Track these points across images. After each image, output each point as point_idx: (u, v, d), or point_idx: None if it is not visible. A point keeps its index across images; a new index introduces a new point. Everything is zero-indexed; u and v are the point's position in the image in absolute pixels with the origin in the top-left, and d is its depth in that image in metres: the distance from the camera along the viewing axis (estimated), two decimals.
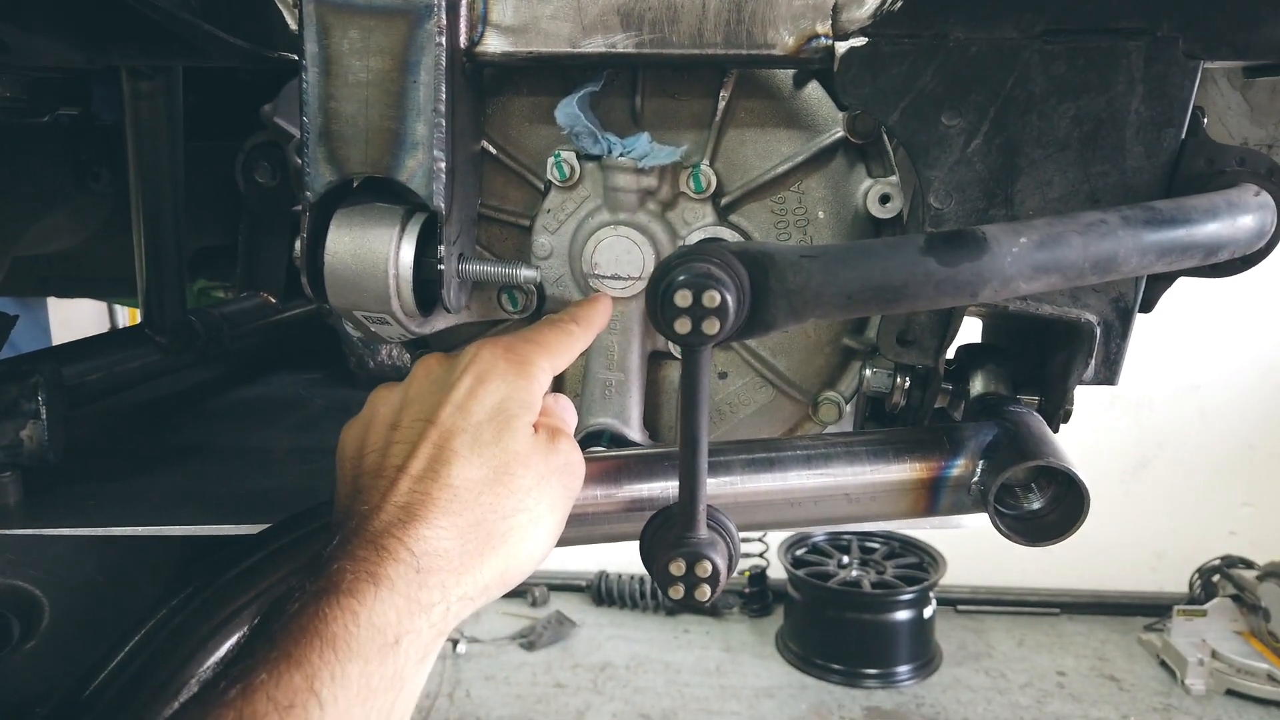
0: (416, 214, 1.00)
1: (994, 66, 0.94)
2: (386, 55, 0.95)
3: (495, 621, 4.67)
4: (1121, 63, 0.92)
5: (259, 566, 0.81)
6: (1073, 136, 0.94)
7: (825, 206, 1.10)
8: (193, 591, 0.79)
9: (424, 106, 0.96)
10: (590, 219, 1.11)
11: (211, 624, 0.77)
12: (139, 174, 1.43)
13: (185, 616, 0.77)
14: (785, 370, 1.15)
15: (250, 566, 0.81)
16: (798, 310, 0.77)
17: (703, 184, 1.09)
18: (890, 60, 0.95)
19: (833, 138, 1.07)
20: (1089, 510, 0.88)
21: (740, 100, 1.08)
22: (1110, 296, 0.98)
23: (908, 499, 0.94)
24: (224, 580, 0.80)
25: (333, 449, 1.59)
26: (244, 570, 0.81)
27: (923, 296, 0.76)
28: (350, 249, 0.99)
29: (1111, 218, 0.79)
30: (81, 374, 1.43)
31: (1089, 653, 4.60)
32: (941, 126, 0.96)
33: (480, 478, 0.78)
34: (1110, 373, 1.00)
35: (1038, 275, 0.77)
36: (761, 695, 4.25)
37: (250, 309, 1.85)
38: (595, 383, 1.13)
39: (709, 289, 0.71)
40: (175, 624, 0.76)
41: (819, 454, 0.94)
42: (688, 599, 0.78)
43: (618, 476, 0.92)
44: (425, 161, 0.97)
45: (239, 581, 0.80)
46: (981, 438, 0.94)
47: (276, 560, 0.82)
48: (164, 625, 0.76)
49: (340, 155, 0.98)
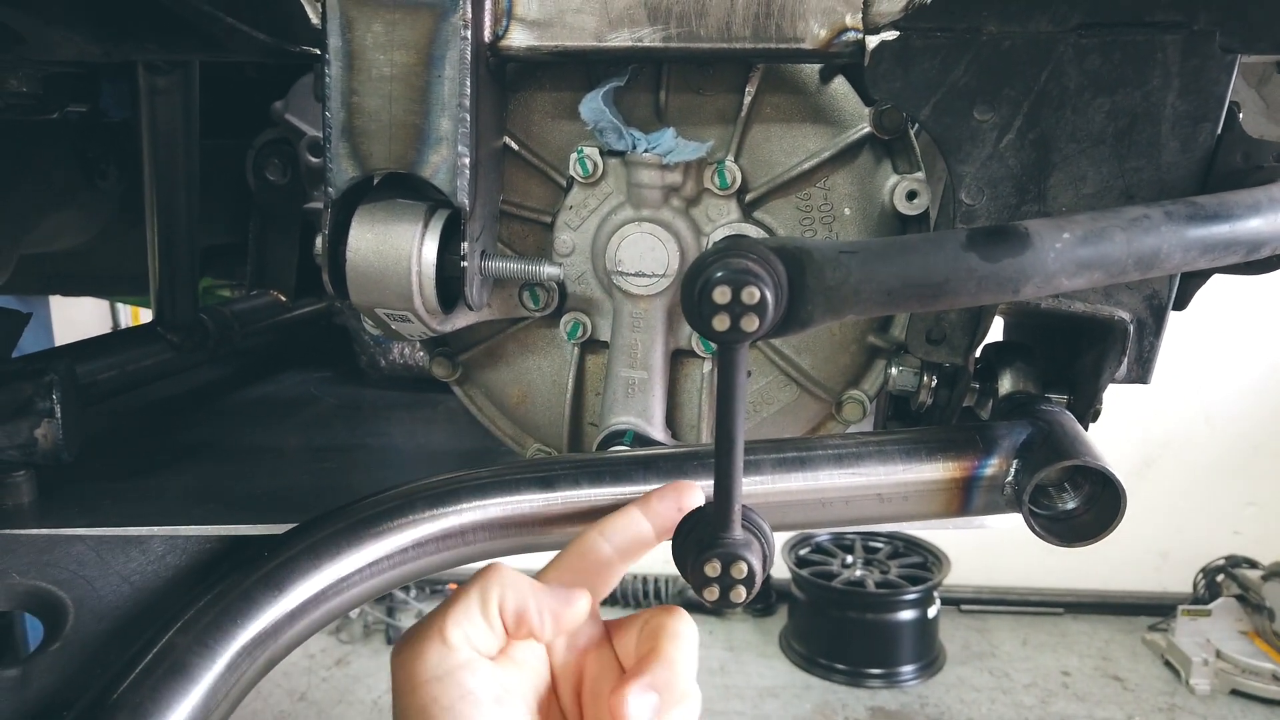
0: (439, 210, 0.99)
1: (1028, 60, 0.92)
2: (411, 49, 0.94)
3: None
4: (1157, 57, 0.91)
5: (288, 564, 0.80)
6: (1107, 131, 0.93)
7: (851, 203, 1.09)
8: (221, 590, 0.77)
9: (449, 101, 0.95)
10: (613, 216, 1.09)
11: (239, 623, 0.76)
12: (154, 171, 1.41)
13: (213, 616, 0.75)
14: (809, 369, 1.14)
15: (279, 564, 0.80)
16: (836, 307, 0.76)
17: (728, 180, 1.07)
18: (922, 54, 0.93)
19: (859, 133, 1.06)
20: (1125, 510, 0.87)
21: (766, 95, 1.06)
22: (1144, 294, 0.97)
23: (941, 499, 0.92)
24: (252, 580, 0.78)
25: (344, 448, 1.59)
26: (272, 569, 0.79)
27: (964, 293, 0.75)
28: (373, 246, 0.98)
29: (1155, 213, 0.78)
30: (94, 372, 1.41)
31: (1093, 652, 4.60)
32: (974, 121, 0.94)
33: None
34: (1143, 371, 0.99)
35: (1081, 271, 0.76)
36: (765, 695, 4.24)
37: (260, 307, 1.83)
38: (618, 381, 1.11)
39: (748, 285, 0.70)
40: (203, 624, 0.74)
41: (850, 453, 0.93)
42: (723, 600, 0.77)
43: (646, 475, 0.90)
44: (449, 157, 0.96)
45: (267, 580, 0.78)
46: (1015, 437, 0.93)
47: (304, 559, 0.81)
48: (192, 625, 0.74)
49: (363, 151, 0.96)
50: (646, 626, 0.78)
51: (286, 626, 0.78)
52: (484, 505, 0.88)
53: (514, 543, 0.89)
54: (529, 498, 0.89)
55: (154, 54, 1.16)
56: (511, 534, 0.88)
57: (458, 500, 0.87)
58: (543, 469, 0.91)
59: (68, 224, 2.03)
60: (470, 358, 1.20)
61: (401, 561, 0.84)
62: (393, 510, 0.86)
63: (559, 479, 0.90)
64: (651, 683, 0.72)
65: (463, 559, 0.89)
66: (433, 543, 0.86)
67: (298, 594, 0.79)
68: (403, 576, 0.86)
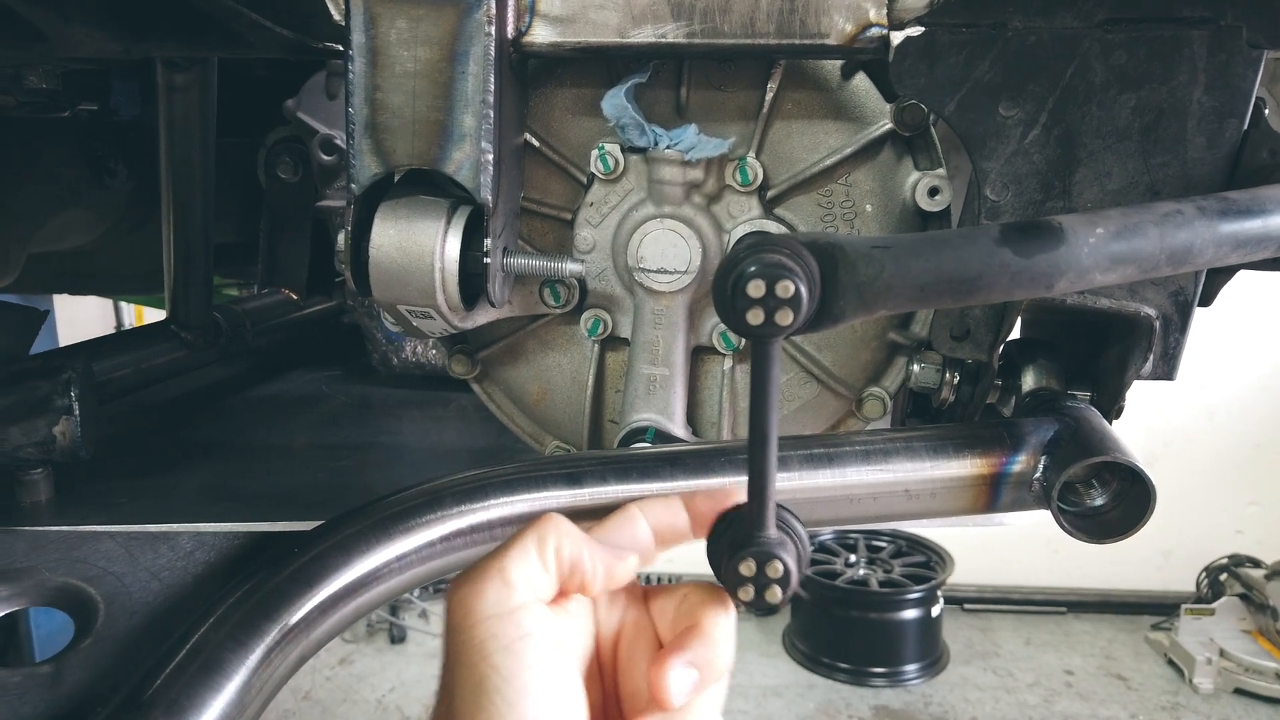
0: (462, 207, 0.99)
1: (1053, 56, 0.92)
2: (435, 45, 0.94)
3: None
4: (1184, 52, 0.91)
5: (318, 560, 0.79)
6: (1133, 127, 0.93)
7: (873, 199, 1.08)
8: (252, 587, 0.77)
9: (472, 98, 0.95)
10: (634, 212, 1.09)
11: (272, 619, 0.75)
12: (170, 169, 1.41)
13: (245, 612, 0.75)
14: (830, 365, 1.14)
15: (310, 560, 0.79)
16: (868, 302, 0.75)
17: (749, 177, 1.07)
18: (947, 50, 0.93)
19: (881, 130, 1.06)
20: (1155, 506, 0.87)
21: (787, 92, 1.06)
22: (1170, 290, 0.97)
23: (968, 495, 0.92)
24: (283, 576, 0.78)
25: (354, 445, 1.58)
26: (303, 564, 0.79)
27: (998, 288, 0.75)
28: (396, 242, 0.97)
29: (1187, 208, 0.77)
30: (109, 370, 1.41)
31: (1096, 652, 4.60)
32: (999, 117, 0.94)
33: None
34: (1169, 367, 0.99)
35: (1114, 266, 0.75)
36: (769, 694, 4.24)
37: (272, 305, 1.83)
38: (639, 378, 1.11)
39: (783, 279, 0.69)
40: (236, 619, 0.74)
41: (878, 449, 0.92)
42: (758, 601, 0.76)
43: (673, 471, 0.90)
44: (473, 154, 0.96)
45: (298, 576, 0.78)
46: (1042, 433, 0.92)
47: (334, 555, 0.81)
48: (224, 621, 0.74)
49: (386, 147, 0.96)
50: (687, 600, 0.77)
51: (318, 622, 0.78)
52: (512, 501, 0.87)
53: None
54: (556, 494, 0.88)
55: (175, 50, 1.15)
56: None
57: (486, 496, 0.87)
58: (570, 465, 0.91)
59: (75, 223, 2.03)
60: (490, 355, 1.20)
61: (430, 556, 0.84)
62: (421, 506, 0.85)
63: (586, 475, 0.90)
64: (693, 659, 0.72)
65: None
66: (461, 538, 0.85)
67: (329, 589, 0.79)
68: (432, 572, 0.85)
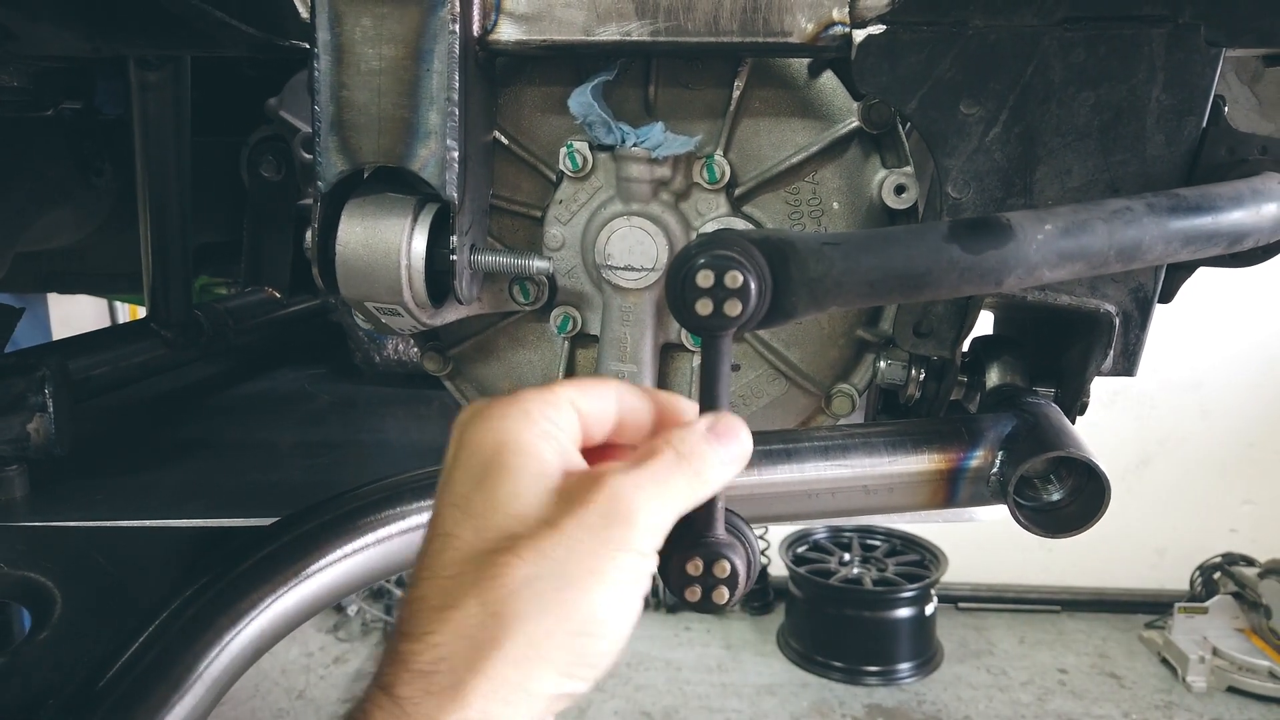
0: (429, 204, 0.99)
1: (1013, 54, 0.93)
2: (399, 43, 0.94)
3: None
4: (1143, 50, 0.91)
5: (274, 557, 0.80)
6: (1092, 125, 0.94)
7: (840, 197, 1.09)
8: (207, 582, 0.78)
9: (437, 95, 0.95)
10: (603, 210, 1.10)
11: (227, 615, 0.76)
12: (146, 167, 1.41)
13: (199, 607, 0.76)
14: (799, 362, 1.15)
15: (265, 557, 0.80)
16: (819, 298, 0.76)
17: (716, 174, 1.08)
18: (908, 48, 0.94)
19: (847, 128, 1.06)
20: (1109, 501, 0.87)
21: (754, 90, 1.07)
22: (1129, 286, 0.97)
23: (926, 490, 0.93)
24: (238, 571, 0.78)
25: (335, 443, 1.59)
26: (259, 561, 0.80)
27: (946, 284, 0.75)
28: (362, 239, 0.98)
29: (1136, 205, 0.78)
30: (87, 368, 1.42)
31: (1090, 650, 4.59)
32: (960, 115, 0.95)
33: (471, 556, 0.59)
34: (1129, 364, 0.99)
35: (1063, 263, 0.76)
36: (763, 692, 4.24)
37: (255, 304, 1.84)
38: (607, 375, 1.12)
39: (731, 269, 0.70)
40: (190, 615, 0.75)
41: (836, 445, 0.93)
42: (705, 602, 0.76)
43: None
44: (438, 151, 0.96)
45: (254, 572, 0.79)
46: (1000, 429, 0.93)
47: (290, 551, 0.81)
48: (178, 616, 0.75)
49: (352, 144, 0.97)
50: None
51: (273, 617, 0.79)
52: None
53: None
54: None
55: (143, 49, 1.16)
56: None
57: None
58: None
59: (63, 222, 2.03)
60: (461, 352, 1.20)
61: (389, 553, 0.85)
62: (380, 502, 0.86)
63: None
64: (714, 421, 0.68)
65: None
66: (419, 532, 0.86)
67: (284, 585, 0.79)
68: (390, 568, 0.86)
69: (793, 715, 4.11)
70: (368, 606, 4.50)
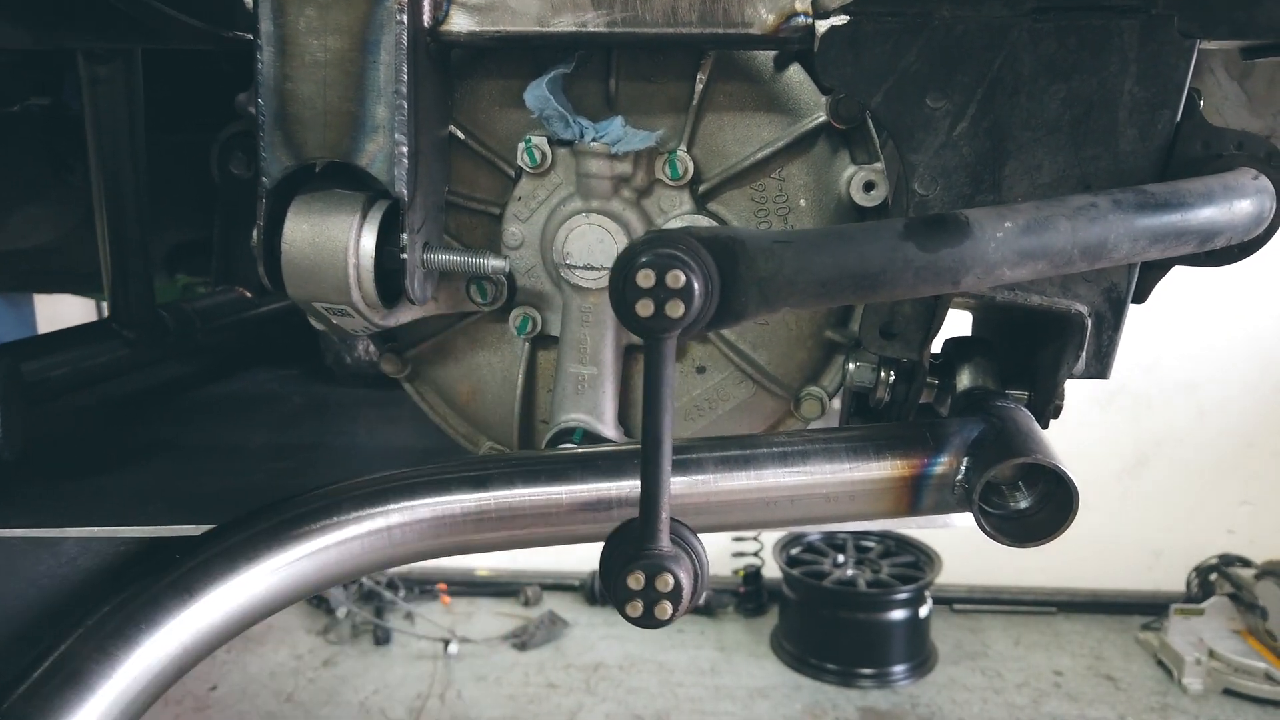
0: (379, 201, 0.96)
1: (981, 46, 0.90)
2: (345, 34, 0.91)
3: (487, 622, 4.62)
4: (1114, 42, 0.88)
5: (201, 568, 0.77)
6: (1063, 119, 0.90)
7: (807, 194, 1.06)
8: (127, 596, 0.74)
9: (384, 88, 0.92)
10: (562, 207, 1.07)
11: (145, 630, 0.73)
12: (99, 161, 1.38)
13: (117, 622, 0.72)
14: (765, 364, 1.11)
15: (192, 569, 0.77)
16: (770, 299, 0.73)
17: (679, 170, 1.04)
18: (873, 39, 0.90)
19: (814, 123, 1.03)
20: (1078, 509, 0.84)
21: (718, 84, 1.04)
22: (1102, 287, 0.94)
23: (889, 498, 0.89)
24: (161, 585, 0.75)
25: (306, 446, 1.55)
26: (184, 573, 0.76)
27: (902, 284, 0.72)
28: (309, 237, 0.95)
29: (1102, 201, 0.75)
30: (44, 369, 1.38)
31: (1086, 652, 4.56)
32: (926, 109, 0.92)
33: None
34: (1102, 366, 0.96)
35: (1024, 262, 0.73)
36: (756, 695, 4.21)
37: (225, 304, 1.80)
38: (567, 378, 1.08)
39: (673, 269, 0.67)
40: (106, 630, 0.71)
41: (796, 451, 0.90)
42: (647, 618, 0.72)
43: (584, 474, 0.87)
44: (386, 145, 0.93)
45: (177, 585, 0.75)
46: (966, 434, 0.90)
47: (219, 562, 0.78)
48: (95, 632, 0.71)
49: (297, 139, 0.94)
50: None
51: (198, 632, 0.75)
52: (413, 506, 0.85)
53: (445, 543, 0.86)
54: (461, 498, 0.86)
55: (86, 41, 1.13)
56: (443, 535, 0.85)
57: (385, 501, 0.84)
58: (477, 468, 0.88)
59: (38, 220, 2.00)
60: (419, 353, 1.17)
61: (324, 564, 0.81)
62: (317, 511, 0.83)
63: (493, 479, 0.87)
64: None
65: (390, 561, 0.86)
66: (357, 543, 0.83)
67: (211, 598, 0.76)
68: (327, 579, 0.83)
69: (786, 718, 4.08)
70: (357, 609, 4.46)
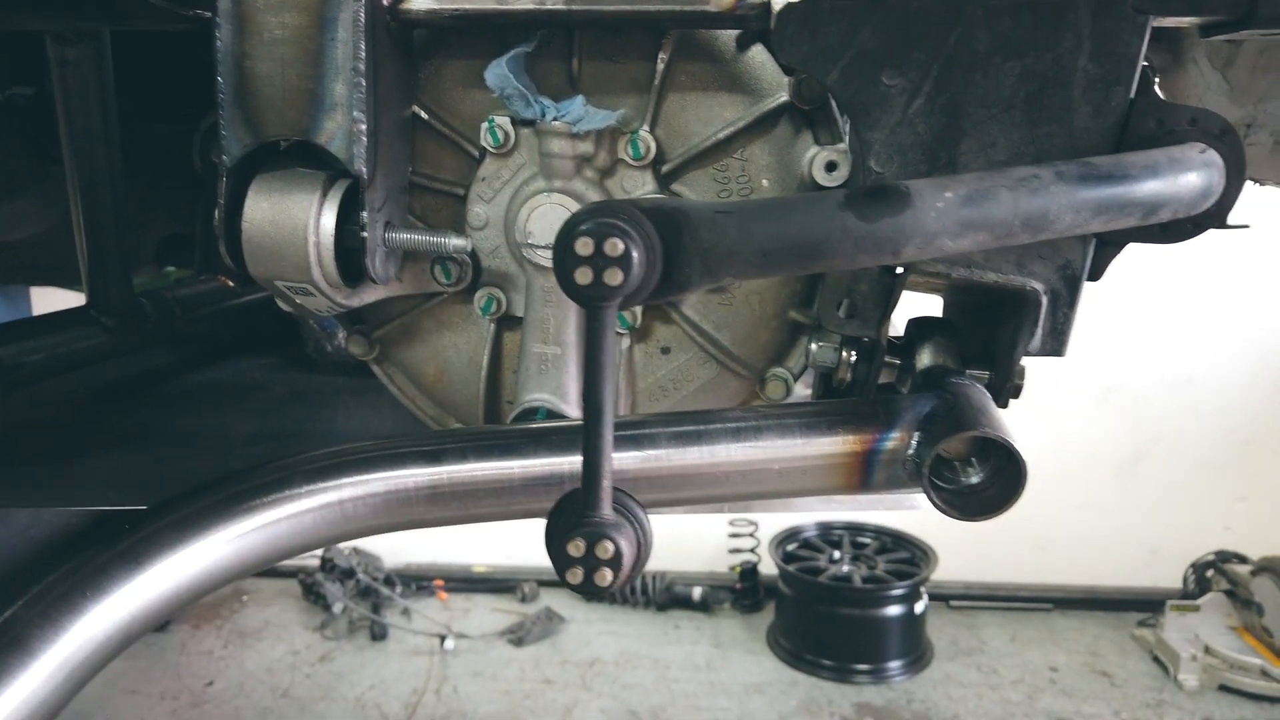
0: (340, 180, 0.97)
1: (936, 23, 0.90)
2: (303, 11, 0.92)
3: (484, 618, 4.63)
4: (1068, 18, 0.88)
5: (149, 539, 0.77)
6: (1018, 96, 0.91)
7: (769, 174, 1.06)
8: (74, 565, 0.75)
9: (342, 66, 0.93)
10: (526, 187, 1.07)
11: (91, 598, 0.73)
12: (71, 146, 1.39)
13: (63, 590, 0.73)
14: (729, 344, 1.11)
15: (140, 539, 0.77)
16: (712, 269, 0.73)
17: (641, 150, 1.05)
18: (828, 17, 0.91)
19: (776, 103, 1.03)
20: (1026, 483, 0.84)
21: (680, 63, 1.04)
22: (1057, 264, 0.94)
23: (840, 473, 0.90)
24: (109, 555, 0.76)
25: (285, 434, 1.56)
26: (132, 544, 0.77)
27: (841, 254, 0.72)
28: (269, 216, 0.96)
29: (1044, 173, 0.75)
30: (19, 354, 1.39)
31: (1081, 648, 4.56)
32: (882, 86, 0.92)
33: None
34: (1057, 343, 0.96)
35: (964, 232, 0.73)
36: (752, 691, 4.21)
37: (206, 292, 1.81)
38: (531, 357, 1.09)
39: (611, 237, 0.67)
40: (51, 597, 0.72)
41: (749, 427, 0.90)
42: (587, 584, 0.73)
43: (537, 449, 0.88)
44: (344, 123, 0.94)
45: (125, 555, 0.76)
46: (918, 409, 0.90)
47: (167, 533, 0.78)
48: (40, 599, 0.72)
49: (256, 118, 0.94)
50: None
51: (145, 602, 0.76)
52: (366, 480, 0.85)
53: (398, 518, 0.86)
54: (414, 472, 0.86)
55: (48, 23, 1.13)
56: (395, 510, 0.86)
57: (339, 474, 0.85)
58: (431, 443, 0.89)
59: (24, 212, 2.01)
60: (385, 334, 1.18)
61: (274, 537, 0.82)
62: (269, 485, 0.83)
63: (447, 453, 0.87)
64: None
65: (343, 535, 0.87)
66: (310, 516, 0.83)
67: (159, 569, 0.76)
68: (277, 552, 0.83)
69: (781, 714, 4.08)
70: (354, 605, 4.47)
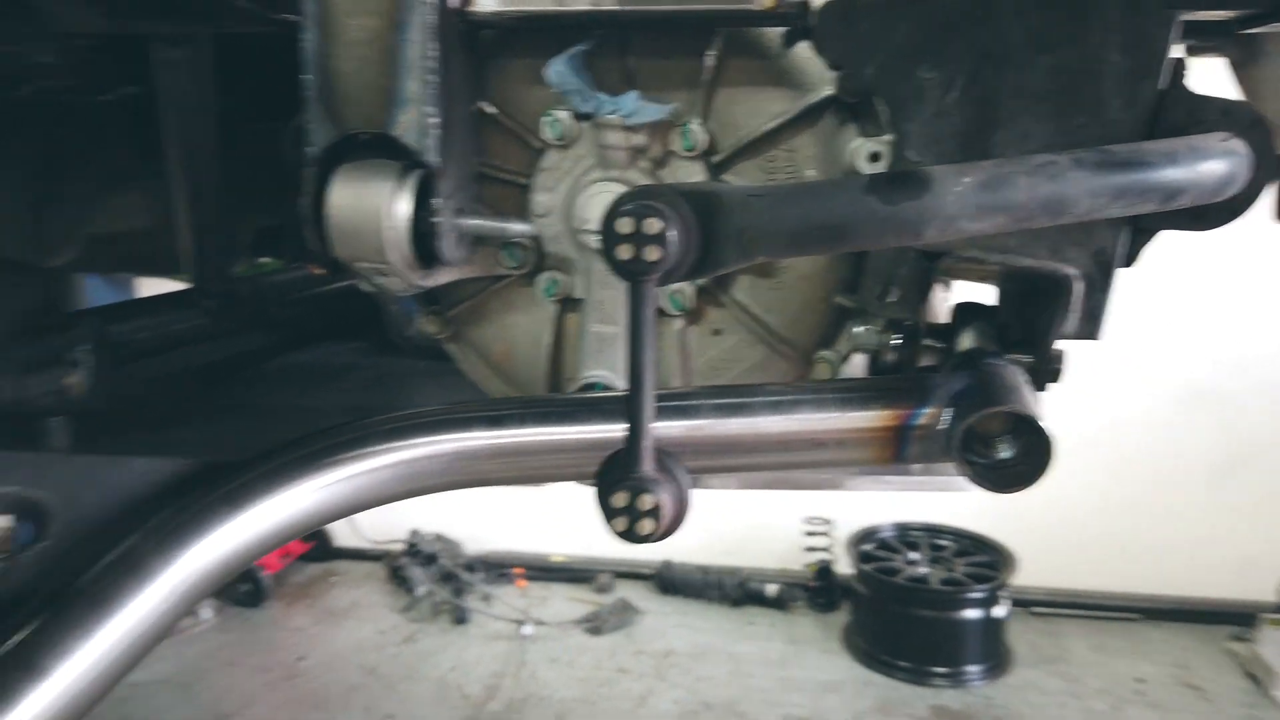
0: (415, 170, 1.05)
1: (969, 18, 0.94)
2: (379, 15, 1.00)
3: (561, 606, 4.73)
4: (1097, 13, 0.92)
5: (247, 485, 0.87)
6: (1050, 88, 0.94)
7: (815, 165, 1.11)
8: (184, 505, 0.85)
9: (415, 64, 1.01)
10: (584, 177, 1.14)
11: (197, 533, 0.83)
12: (173, 140, 1.50)
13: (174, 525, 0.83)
14: (777, 327, 1.17)
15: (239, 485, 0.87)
16: (746, 248, 0.79)
17: (692, 142, 1.11)
18: (865, 14, 0.96)
19: (821, 96, 1.08)
20: (1053, 458, 0.88)
21: (730, 59, 1.10)
22: (1091, 249, 0.97)
23: (875, 446, 0.94)
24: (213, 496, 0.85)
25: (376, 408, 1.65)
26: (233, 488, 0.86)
27: (866, 235, 0.78)
28: (350, 202, 1.04)
29: (1063, 160, 0.79)
30: (130, 332, 1.51)
31: (1170, 660, 4.44)
32: (918, 79, 0.96)
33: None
34: (1092, 327, 0.99)
35: (983, 215, 0.77)
36: (826, 689, 4.21)
37: (297, 280, 1.92)
38: (590, 337, 1.16)
39: (650, 216, 0.74)
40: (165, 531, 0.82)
41: (788, 400, 0.95)
42: (630, 533, 0.80)
43: (591, 415, 0.95)
44: (417, 117, 1.02)
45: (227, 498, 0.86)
46: (952, 386, 0.94)
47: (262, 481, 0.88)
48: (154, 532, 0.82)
49: (339, 112, 1.03)
50: None
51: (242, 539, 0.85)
52: (437, 440, 0.93)
53: (463, 475, 0.94)
54: (478, 434, 0.94)
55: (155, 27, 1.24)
56: (461, 467, 0.93)
57: (413, 435, 0.93)
58: (493, 408, 0.96)
59: (133, 205, 2.15)
60: (458, 314, 1.26)
61: (354, 489, 0.91)
62: (350, 442, 0.92)
63: (507, 418, 0.95)
64: None
65: (415, 490, 0.95)
66: (387, 471, 0.92)
67: (254, 511, 0.86)
68: (354, 504, 0.92)
69: (856, 713, 4.08)
70: (437, 589, 4.62)
